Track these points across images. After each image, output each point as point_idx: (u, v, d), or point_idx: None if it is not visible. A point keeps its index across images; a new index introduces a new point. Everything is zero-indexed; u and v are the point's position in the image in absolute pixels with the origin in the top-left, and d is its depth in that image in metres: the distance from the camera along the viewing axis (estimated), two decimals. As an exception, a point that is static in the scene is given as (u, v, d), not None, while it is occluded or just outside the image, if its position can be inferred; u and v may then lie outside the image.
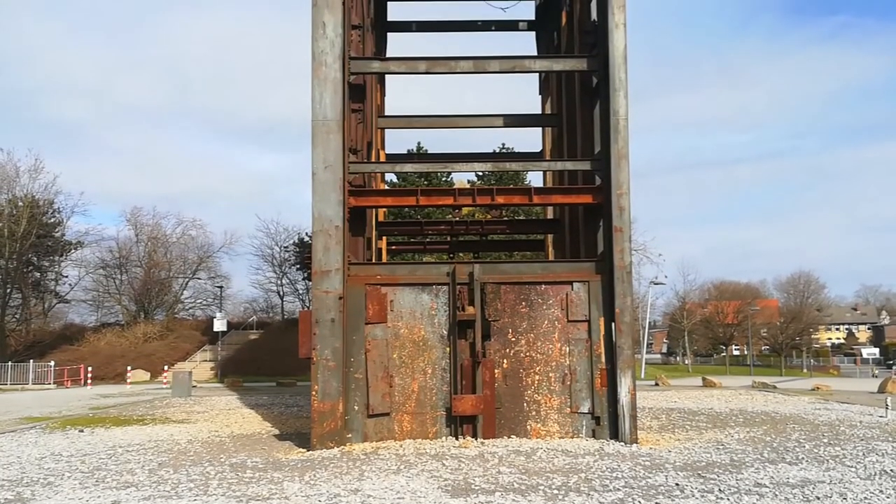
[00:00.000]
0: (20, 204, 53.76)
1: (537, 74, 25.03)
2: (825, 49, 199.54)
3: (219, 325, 48.87)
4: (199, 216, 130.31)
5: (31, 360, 43.92)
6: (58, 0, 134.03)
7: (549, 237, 25.14)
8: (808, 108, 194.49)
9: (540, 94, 25.78)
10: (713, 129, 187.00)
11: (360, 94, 16.76)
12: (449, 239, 27.28)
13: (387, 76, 24.22)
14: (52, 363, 43.59)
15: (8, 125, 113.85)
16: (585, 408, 14.36)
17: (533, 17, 24.85)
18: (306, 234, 57.08)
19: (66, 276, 61.60)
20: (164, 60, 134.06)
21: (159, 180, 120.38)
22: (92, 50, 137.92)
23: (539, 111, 25.10)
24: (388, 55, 24.38)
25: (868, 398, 25.60)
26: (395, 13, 25.32)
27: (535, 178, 47.13)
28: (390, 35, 25.48)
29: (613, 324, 14.41)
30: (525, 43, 24.21)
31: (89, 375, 41.35)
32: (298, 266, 62.41)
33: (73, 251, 60.16)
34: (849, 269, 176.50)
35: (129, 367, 42.17)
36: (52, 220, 58.08)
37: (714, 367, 71.32)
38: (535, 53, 24.28)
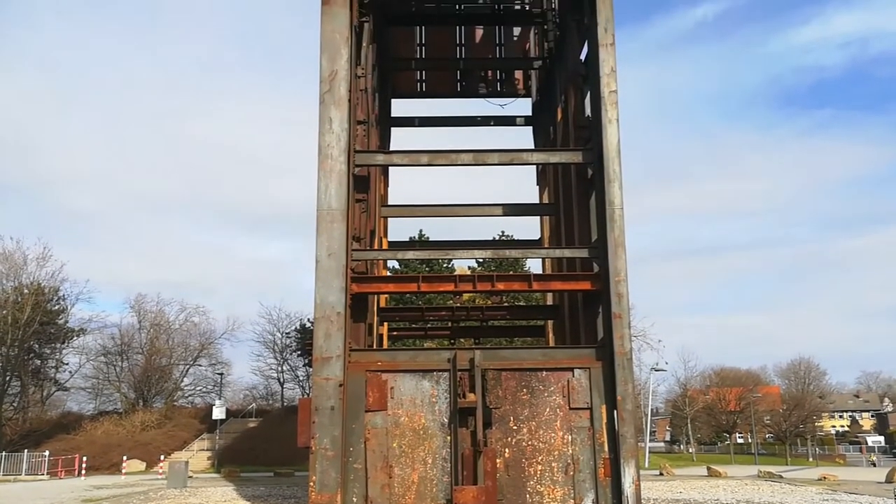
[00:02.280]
0: (26, 291, 54.13)
1: (535, 165, 25.80)
2: (814, 140, 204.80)
3: (218, 413, 48.23)
4: (202, 303, 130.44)
5: (26, 450, 43.13)
6: (72, 94, 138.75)
7: (550, 323, 25.27)
8: (800, 198, 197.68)
9: (538, 184, 26.47)
10: (708, 218, 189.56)
11: (365, 184, 17.31)
12: (450, 325, 27.38)
13: (390, 167, 24.96)
14: (47, 453, 42.76)
15: (22, 213, 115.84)
16: (589, 499, 14.14)
17: (530, 113, 25.84)
18: (308, 319, 57.09)
19: (67, 364, 61.34)
20: (173, 150, 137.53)
21: (165, 267, 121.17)
22: (103, 141, 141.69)
23: (537, 200, 25.73)
24: (392, 148, 25.24)
25: (876, 488, 25.05)
26: (399, 109, 26.37)
27: (534, 265, 47.56)
28: (394, 128, 26.42)
29: (615, 411, 14.38)
30: (523, 135, 25.20)
31: (84, 465, 40.52)
32: (299, 352, 62.16)
33: (75, 338, 60.14)
34: (848, 355, 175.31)
35: (124, 457, 41.41)
36: (57, 307, 58.32)
37: (719, 456, 69.73)
38: (532, 146, 25.13)
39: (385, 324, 25.38)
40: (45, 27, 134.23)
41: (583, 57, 17.93)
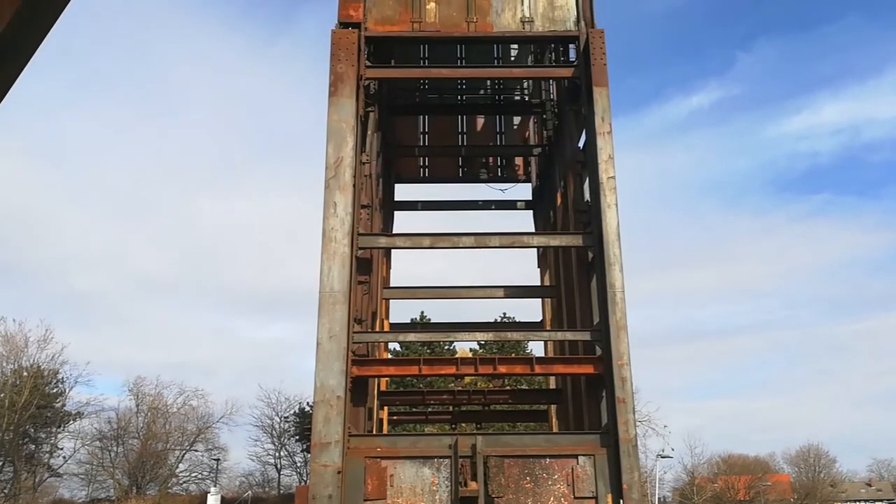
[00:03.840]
0: (25, 374, 53.69)
1: (536, 248, 26.03)
2: (812, 224, 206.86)
3: (212, 501, 46.96)
4: (202, 385, 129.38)
5: (13, 540, 41.80)
6: (78, 176, 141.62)
7: (553, 408, 24.90)
8: (801, 281, 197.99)
9: (538, 266, 26.63)
10: (711, 301, 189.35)
11: (367, 266, 17.46)
12: (451, 409, 26.98)
13: (393, 249, 25.21)
14: (34, 543, 41.41)
15: (26, 294, 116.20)
16: (595, 593, 13.59)
17: (530, 197, 26.29)
18: (307, 403, 56.36)
19: (62, 449, 60.16)
20: (177, 231, 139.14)
21: (166, 348, 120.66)
22: (109, 222, 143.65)
23: (538, 282, 25.83)
24: (395, 231, 25.55)
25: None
26: (402, 194, 26.85)
27: (536, 348, 47.27)
28: (398, 212, 26.83)
29: (622, 500, 14.00)
30: (524, 218, 25.78)
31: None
32: (298, 437, 61.06)
33: (71, 422, 59.23)
34: (858, 441, 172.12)
35: (114, 547, 40.04)
36: (55, 390, 57.74)
37: (733, 550, 67.20)
38: (533, 229, 25.44)
39: (385, 408, 25.03)
40: (59, 116, 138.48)
41: (581, 144, 18.41)
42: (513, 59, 24.14)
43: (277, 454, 67.67)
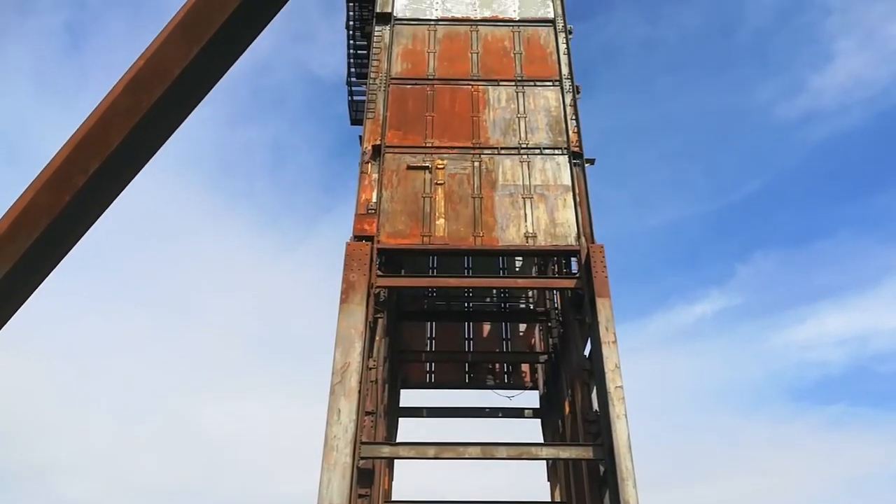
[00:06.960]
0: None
1: (545, 460, 25.16)
2: (831, 435, 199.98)
3: None
4: None
5: None
6: (75, 381, 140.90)
7: None
8: (826, 495, 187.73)
9: (548, 479, 25.54)
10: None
11: (369, 478, 16.78)
12: None
13: (396, 459, 24.40)
14: None
15: (14, 501, 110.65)
16: None
17: (537, 405, 25.91)
18: None
19: None
20: (172, 437, 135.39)
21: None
22: (102, 426, 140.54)
23: (548, 497, 24.62)
24: (399, 438, 24.90)
25: None
26: (407, 400, 26.55)
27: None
28: (402, 419, 26.34)
29: None
30: (531, 426, 25.43)
31: None
32: None
33: None
34: None
35: None
36: None
37: None
38: (541, 438, 24.77)
39: None
40: (77, 324, 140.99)
41: (587, 352, 18.48)
42: (517, 269, 25.09)
43: None
